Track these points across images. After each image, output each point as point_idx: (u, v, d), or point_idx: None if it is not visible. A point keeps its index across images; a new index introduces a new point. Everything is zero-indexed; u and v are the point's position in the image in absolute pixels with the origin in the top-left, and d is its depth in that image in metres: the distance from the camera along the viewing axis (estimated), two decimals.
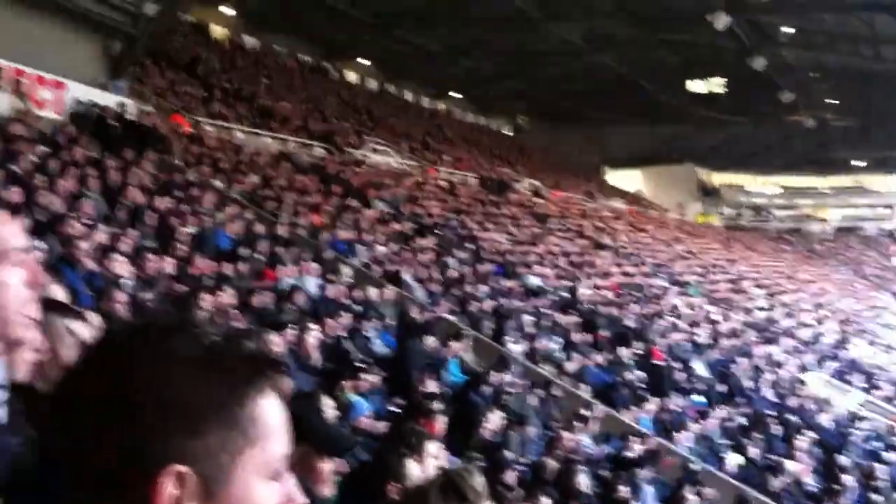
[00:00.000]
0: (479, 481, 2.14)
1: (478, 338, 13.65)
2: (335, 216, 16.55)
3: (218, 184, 15.30)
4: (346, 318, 11.11)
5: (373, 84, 41.85)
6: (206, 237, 11.82)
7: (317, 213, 16.04)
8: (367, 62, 41.00)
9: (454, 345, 12.25)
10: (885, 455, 15.99)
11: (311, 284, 12.06)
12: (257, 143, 20.69)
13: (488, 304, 15.34)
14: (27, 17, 14.97)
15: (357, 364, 9.87)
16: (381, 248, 15.92)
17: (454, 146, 36.50)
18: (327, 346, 10.27)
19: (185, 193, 13.27)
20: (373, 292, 12.72)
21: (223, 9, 33.53)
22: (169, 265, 9.70)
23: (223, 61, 29.53)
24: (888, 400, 20.63)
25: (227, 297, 9.36)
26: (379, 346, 11.61)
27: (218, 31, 34.20)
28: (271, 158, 19.20)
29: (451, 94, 46.29)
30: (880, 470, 14.67)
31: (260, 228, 13.36)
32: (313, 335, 9.53)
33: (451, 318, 13.85)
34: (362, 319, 11.72)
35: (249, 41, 35.34)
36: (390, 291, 13.34)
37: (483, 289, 16.15)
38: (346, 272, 13.11)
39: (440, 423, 9.70)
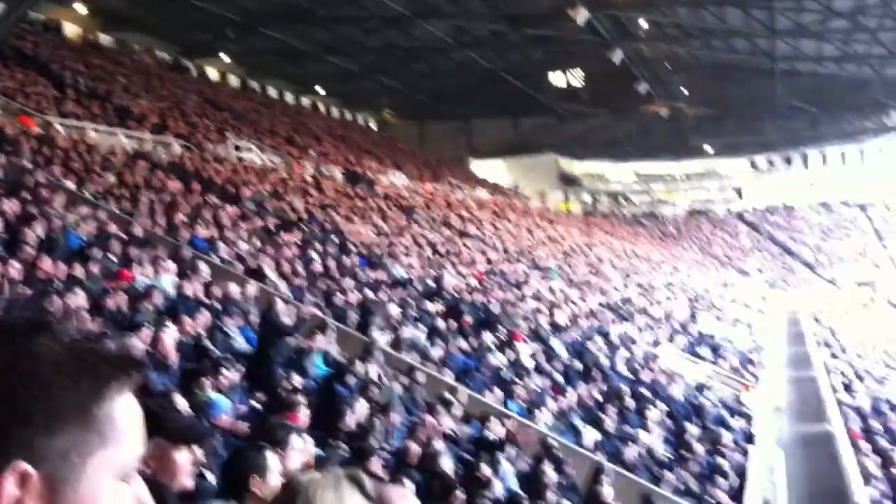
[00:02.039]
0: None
1: (343, 330, 13.80)
2: (195, 214, 16.36)
3: (69, 184, 14.88)
4: (205, 317, 11.07)
5: (235, 81, 41.27)
6: (56, 239, 11.54)
7: (175, 212, 15.82)
8: (229, 59, 40.42)
9: (318, 338, 12.36)
10: (731, 421, 17.14)
11: (168, 284, 11.94)
12: (112, 142, 20.13)
13: (354, 297, 15.49)
14: None
15: (217, 361, 9.87)
16: (243, 245, 15.84)
17: (320, 142, 36.41)
18: (186, 346, 10.23)
19: (34, 195, 12.89)
20: (234, 289, 12.68)
21: (77, 6, 32.39)
22: (15, 270, 9.45)
23: (76, 60, 28.51)
24: (734, 370, 22.05)
25: (78, 299, 9.22)
26: (240, 343, 11.62)
27: (71, 29, 33.02)
28: (127, 158, 18.75)
29: (316, 89, 46.13)
30: (726, 436, 15.72)
31: (114, 229, 13.10)
32: (170, 334, 9.49)
33: (316, 311, 13.95)
34: (223, 316, 11.70)
35: (104, 39, 34.25)
36: (253, 287, 13.32)
37: (348, 281, 16.29)
38: (205, 269, 13.02)
39: (303, 416, 9.89)
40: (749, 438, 16.64)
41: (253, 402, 10.09)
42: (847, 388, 22.82)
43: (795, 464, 17.25)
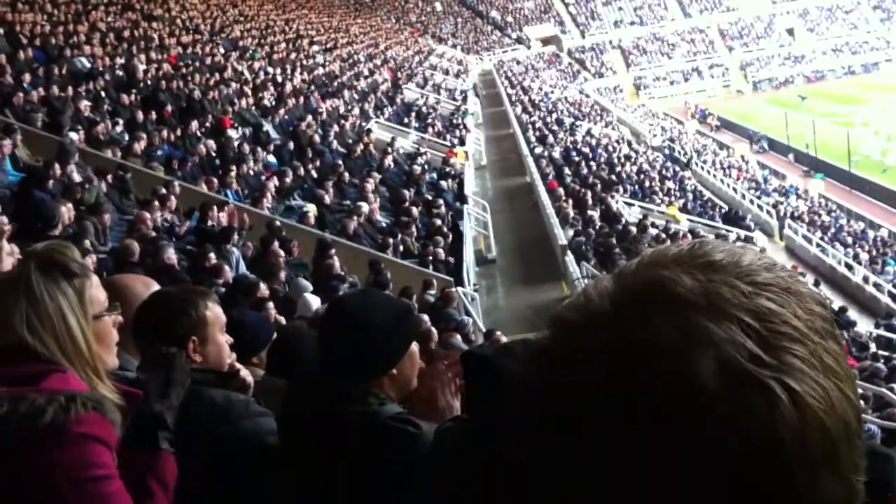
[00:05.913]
0: (76, 253, 1.97)
1: (30, 131, 12.55)
2: None
3: None
4: None
5: None
6: None
7: None
8: None
9: (4, 142, 11.17)
10: (442, 184, 18.00)
11: None
12: None
13: (36, 95, 14.00)
14: None
15: None
16: None
17: None
18: None
19: None
20: None
21: None
22: None
23: None
24: (439, 135, 22.92)
25: None
26: None
27: None
28: None
29: None
30: (439, 198, 16.51)
31: None
32: None
33: None
34: None
35: None
36: None
37: (26, 77, 14.64)
38: None
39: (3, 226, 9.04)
40: (460, 198, 17.62)
41: None
42: (541, 141, 24.62)
43: (503, 216, 18.68)
